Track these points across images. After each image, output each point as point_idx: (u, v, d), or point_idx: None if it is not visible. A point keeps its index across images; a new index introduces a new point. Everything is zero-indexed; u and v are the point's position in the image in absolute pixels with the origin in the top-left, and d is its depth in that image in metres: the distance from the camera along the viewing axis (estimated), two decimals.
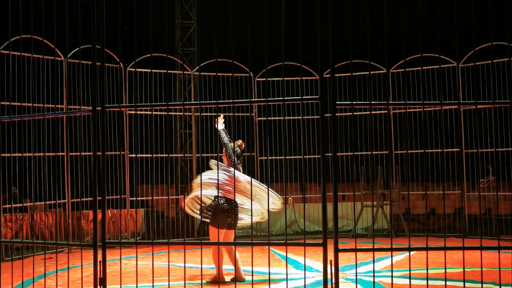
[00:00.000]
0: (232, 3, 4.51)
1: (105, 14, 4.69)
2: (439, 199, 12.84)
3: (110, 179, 10.36)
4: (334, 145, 4.35)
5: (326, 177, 4.30)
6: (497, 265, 4.54)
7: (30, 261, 7.05)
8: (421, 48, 4.80)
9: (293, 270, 7.59)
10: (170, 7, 13.52)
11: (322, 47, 4.34)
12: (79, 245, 4.89)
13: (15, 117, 5.30)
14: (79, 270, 6.60)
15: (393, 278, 5.06)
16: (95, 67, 4.68)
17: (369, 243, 8.91)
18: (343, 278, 6.82)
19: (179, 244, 5.13)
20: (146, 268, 7.75)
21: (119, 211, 10.60)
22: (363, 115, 11.99)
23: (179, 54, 13.35)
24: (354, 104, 4.48)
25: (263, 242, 4.93)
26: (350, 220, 11.85)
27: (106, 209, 10.54)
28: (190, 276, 7.18)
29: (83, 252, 5.26)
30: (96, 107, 4.64)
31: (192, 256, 8.81)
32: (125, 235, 10.70)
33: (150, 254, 8.88)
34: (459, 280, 6.40)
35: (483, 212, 11.60)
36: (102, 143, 4.65)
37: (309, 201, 12.47)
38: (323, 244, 4.27)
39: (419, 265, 7.29)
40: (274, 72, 11.77)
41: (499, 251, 4.44)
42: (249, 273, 6.74)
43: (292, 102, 12.33)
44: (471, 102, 4.72)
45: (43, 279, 5.42)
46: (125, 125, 10.91)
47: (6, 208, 9.53)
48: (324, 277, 4.27)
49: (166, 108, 4.59)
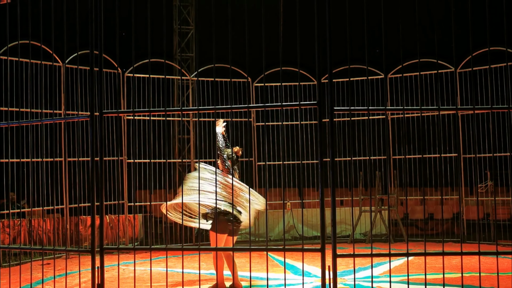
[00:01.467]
0: (230, 8, 4.52)
1: (103, 20, 4.69)
2: (437, 204, 12.84)
3: (108, 184, 10.35)
4: (332, 150, 4.35)
5: (324, 182, 4.30)
6: (496, 270, 4.54)
7: (28, 267, 7.03)
8: (419, 54, 4.81)
9: (292, 276, 7.58)
10: (168, 12, 13.54)
11: (320, 52, 4.35)
12: (77, 250, 4.89)
13: (13, 122, 5.29)
14: (77, 276, 6.58)
15: (392, 284, 5.05)
16: (93, 72, 4.68)
17: (368, 248, 8.91)
18: (341, 284, 6.81)
19: (177, 250, 5.12)
20: (144, 274, 7.73)
21: (117, 217, 10.58)
22: (361, 120, 12.00)
23: (177, 60, 13.36)
24: (352, 109, 4.48)
25: (261, 247, 4.93)
26: (348, 225, 11.84)
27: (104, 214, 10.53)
28: (188, 281, 7.16)
29: (81, 257, 5.24)
30: (94, 113, 4.64)
31: (190, 262, 8.80)
32: (123, 241, 10.68)
33: (148, 259, 8.86)
34: (457, 285, 6.40)
35: (481, 217, 11.60)
36: (100, 149, 4.64)
37: (307, 206, 12.46)
38: (321, 250, 4.27)
39: (418, 270, 7.28)
40: (272, 77, 11.79)
41: (498, 256, 4.44)
42: (247, 278, 6.73)
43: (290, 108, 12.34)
44: (469, 107, 4.73)
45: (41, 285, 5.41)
46: (123, 131, 10.91)
47: (4, 213, 9.51)
48: (322, 282, 4.26)
49: (164, 113, 4.59)
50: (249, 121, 11.97)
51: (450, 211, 12.42)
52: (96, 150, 4.63)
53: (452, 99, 11.04)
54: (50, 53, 6.82)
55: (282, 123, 4.80)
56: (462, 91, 10.99)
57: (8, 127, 5.24)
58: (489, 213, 11.66)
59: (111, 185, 10.39)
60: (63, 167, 9.85)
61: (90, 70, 4.68)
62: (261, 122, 12.11)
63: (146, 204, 11.60)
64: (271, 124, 12.14)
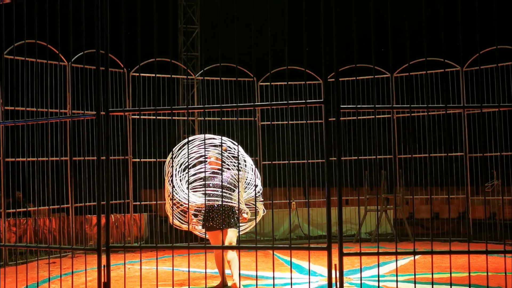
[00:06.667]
0: (235, 7, 4.51)
1: (108, 19, 4.69)
2: (443, 204, 12.80)
3: (113, 183, 10.36)
4: (338, 149, 4.34)
5: (330, 181, 4.29)
6: (503, 270, 4.52)
7: (34, 266, 7.05)
8: (425, 52, 4.79)
9: (297, 275, 7.57)
10: (174, 12, 13.55)
11: (326, 51, 4.33)
12: (83, 249, 4.90)
13: (19, 121, 5.30)
14: (83, 275, 6.59)
15: (398, 283, 5.04)
16: (99, 71, 4.68)
17: (373, 248, 8.89)
18: (347, 283, 6.80)
19: (183, 248, 5.12)
20: (149, 273, 7.73)
21: (123, 216, 10.59)
22: (367, 119, 11.97)
23: (182, 59, 13.37)
24: (359, 107, 4.46)
25: (267, 246, 4.92)
26: (354, 224, 11.82)
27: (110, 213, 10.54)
28: (194, 280, 7.16)
29: (87, 256, 5.25)
30: (100, 112, 4.64)
31: (196, 261, 8.80)
32: (129, 240, 10.69)
33: (154, 258, 8.87)
34: (464, 285, 6.37)
35: (488, 216, 11.55)
36: (106, 148, 4.64)
37: (312, 205, 12.44)
38: (328, 248, 4.25)
39: (424, 269, 7.26)
40: (277, 76, 11.76)
41: (505, 255, 4.42)
42: (253, 277, 6.72)
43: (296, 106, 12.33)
44: (475, 105, 4.71)
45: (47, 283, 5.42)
46: (129, 130, 10.92)
47: (10, 212, 9.53)
48: (328, 281, 4.25)
49: (170, 112, 4.59)
50: (255, 120, 11.96)
51: (456, 210, 12.38)
52: (102, 149, 4.63)
53: (458, 98, 11.00)
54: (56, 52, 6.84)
55: (288, 122, 4.78)
56: (469, 90, 10.95)
57: (14, 126, 5.25)
58: (496, 213, 11.61)
59: (117, 184, 10.41)
60: (69, 166, 9.86)
61: (96, 70, 4.68)
62: (266, 121, 12.09)
63: (151, 203, 11.61)
64: (277, 124, 12.12)
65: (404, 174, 11.71)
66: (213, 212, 6.39)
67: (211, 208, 6.39)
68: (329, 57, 4.34)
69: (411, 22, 4.73)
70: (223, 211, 6.36)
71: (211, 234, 6.46)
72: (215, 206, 6.36)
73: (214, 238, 6.47)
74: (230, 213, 6.40)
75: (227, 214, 6.38)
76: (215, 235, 6.43)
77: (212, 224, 6.38)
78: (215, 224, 6.37)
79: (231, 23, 4.57)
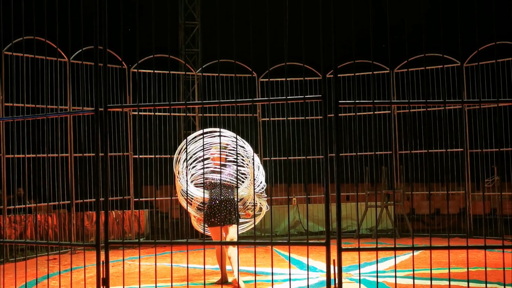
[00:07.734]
0: (235, 4, 4.50)
1: (107, 15, 4.68)
2: (444, 199, 12.80)
3: (114, 180, 10.37)
4: (337, 145, 4.34)
5: (329, 177, 4.28)
6: (502, 265, 4.52)
7: (33, 262, 7.06)
8: (425, 48, 4.78)
9: (297, 271, 7.58)
10: (173, 7, 13.53)
11: (325, 47, 4.33)
12: (82, 245, 4.89)
13: (18, 117, 5.30)
14: (83, 271, 6.60)
15: (397, 278, 5.04)
16: (97, 67, 4.67)
17: (373, 243, 8.89)
18: (347, 279, 6.81)
19: (182, 244, 5.12)
20: (149, 269, 7.74)
21: (123, 212, 10.60)
22: (367, 115, 11.97)
23: (182, 55, 13.35)
24: (357, 103, 4.46)
25: (266, 242, 4.92)
26: (354, 220, 11.82)
27: (110, 210, 10.56)
28: (193, 276, 7.17)
29: (86, 253, 5.25)
30: (99, 108, 4.64)
31: (196, 257, 8.81)
32: (129, 236, 10.70)
33: (154, 255, 8.88)
34: (463, 280, 6.38)
35: (488, 212, 11.55)
36: (105, 144, 4.64)
37: (312, 201, 12.44)
38: (326, 244, 4.25)
39: (423, 265, 7.26)
40: (277, 72, 11.75)
41: (504, 251, 4.42)
42: (252, 273, 6.73)
43: (295, 102, 12.33)
44: (475, 100, 4.70)
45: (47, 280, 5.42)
46: (129, 126, 10.91)
47: (11, 209, 9.55)
48: (327, 276, 4.25)
49: (168, 108, 4.58)
50: (255, 116, 11.95)
51: (457, 206, 12.38)
52: (101, 145, 4.63)
53: (458, 93, 10.99)
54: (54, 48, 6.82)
55: (287, 118, 4.78)
56: (469, 86, 10.94)
57: (13, 122, 5.25)
58: (496, 208, 11.61)
59: (117, 181, 10.41)
60: (69, 162, 9.87)
61: (94, 66, 4.67)
62: (266, 117, 12.09)
63: (151, 199, 11.61)
64: (277, 120, 12.12)
65: (404, 170, 11.71)
66: (215, 208, 6.43)
67: (214, 204, 6.44)
68: (328, 53, 4.33)
69: (411, 18, 4.73)
70: (225, 207, 6.42)
71: (213, 230, 6.53)
72: (217, 202, 6.41)
73: (216, 234, 6.51)
74: (232, 210, 6.45)
75: (229, 211, 6.43)
76: (217, 231, 6.48)
77: (214, 220, 6.43)
78: (217, 220, 6.42)
79: (231, 19, 4.56)
